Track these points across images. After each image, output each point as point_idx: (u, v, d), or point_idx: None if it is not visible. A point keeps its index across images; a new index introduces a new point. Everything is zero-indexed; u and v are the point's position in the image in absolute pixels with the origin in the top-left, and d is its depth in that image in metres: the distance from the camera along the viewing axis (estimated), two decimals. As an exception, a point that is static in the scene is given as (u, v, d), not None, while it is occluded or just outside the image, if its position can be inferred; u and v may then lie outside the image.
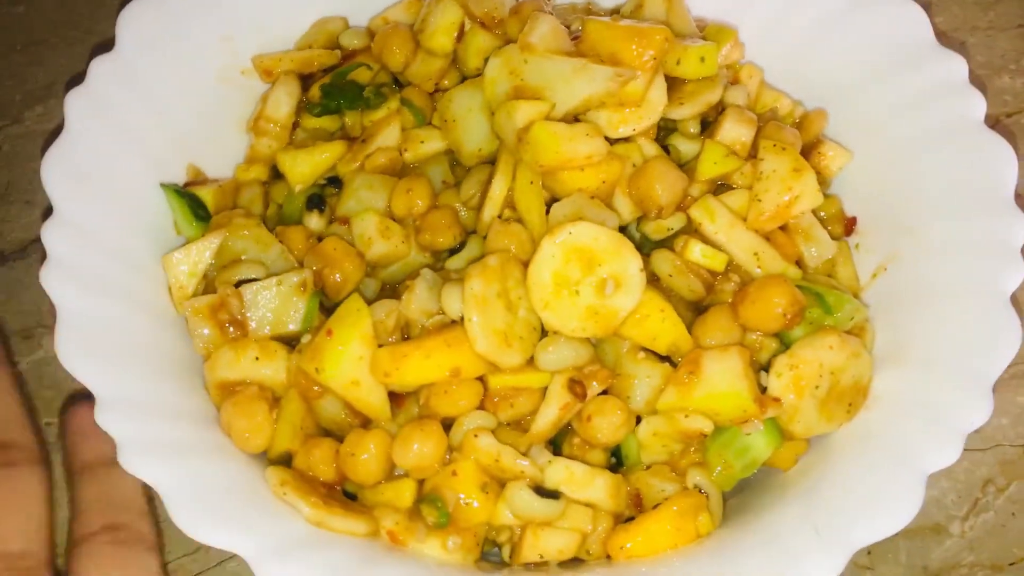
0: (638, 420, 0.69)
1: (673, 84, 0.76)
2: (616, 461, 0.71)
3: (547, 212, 0.71)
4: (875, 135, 0.80)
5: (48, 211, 0.70)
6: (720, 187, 0.76)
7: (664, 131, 0.79)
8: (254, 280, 0.72)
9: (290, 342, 0.72)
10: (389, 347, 0.67)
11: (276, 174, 0.83)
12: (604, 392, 0.69)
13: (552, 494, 0.66)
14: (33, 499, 0.70)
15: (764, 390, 0.68)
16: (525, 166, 0.72)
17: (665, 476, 0.68)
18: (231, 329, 0.70)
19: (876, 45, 0.80)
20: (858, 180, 0.81)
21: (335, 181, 0.81)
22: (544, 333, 0.70)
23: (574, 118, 0.74)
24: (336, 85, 0.82)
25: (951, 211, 0.73)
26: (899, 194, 0.77)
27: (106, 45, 0.77)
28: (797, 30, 0.83)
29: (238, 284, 0.72)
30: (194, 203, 0.77)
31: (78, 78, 0.76)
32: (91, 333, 0.65)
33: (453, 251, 0.77)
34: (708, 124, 0.79)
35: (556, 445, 0.71)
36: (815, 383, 0.67)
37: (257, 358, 0.69)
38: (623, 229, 0.75)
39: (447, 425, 0.68)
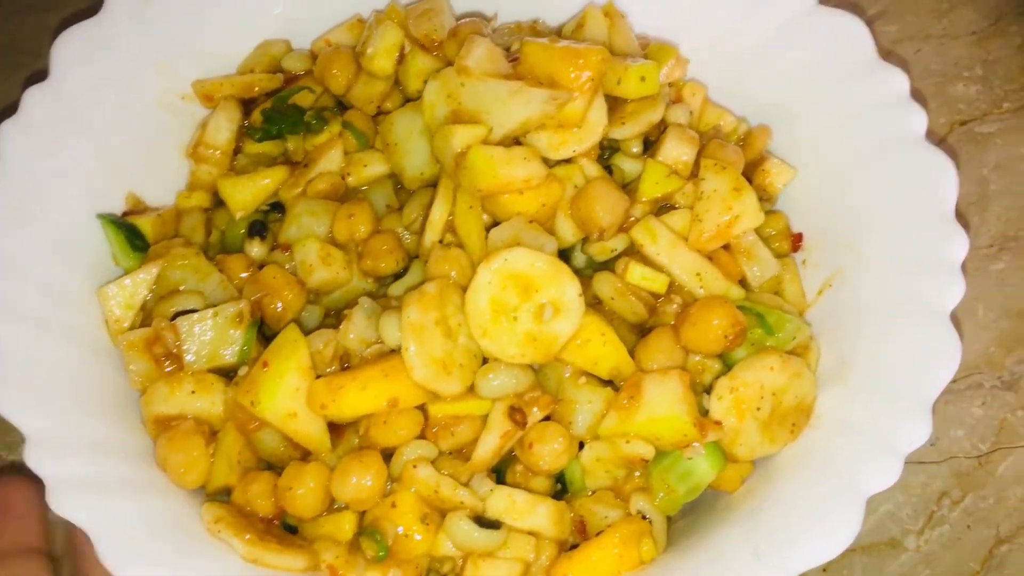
0: (581, 446, 0.69)
1: (614, 104, 0.76)
2: (561, 487, 0.70)
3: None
4: (818, 151, 0.79)
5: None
6: (663, 207, 0.76)
7: (607, 151, 0.78)
8: (192, 311, 0.71)
9: (228, 374, 0.71)
10: (325, 379, 0.66)
11: (219, 200, 0.82)
12: (547, 418, 0.68)
13: (493, 524, 0.65)
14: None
15: (707, 413, 0.67)
16: (464, 190, 0.72)
17: (608, 502, 0.68)
18: (167, 362, 0.69)
19: (819, 61, 0.79)
20: (803, 196, 0.80)
21: (278, 207, 0.80)
22: (485, 360, 0.69)
23: (514, 140, 0.73)
24: (277, 110, 0.81)
25: (892, 227, 0.73)
26: (843, 209, 0.77)
27: (42, 74, 0.76)
28: (741, 47, 0.83)
29: (175, 316, 0.71)
30: (131, 233, 0.76)
31: (12, 108, 0.75)
32: (21, 369, 0.64)
33: (397, 276, 0.76)
34: (651, 143, 0.79)
35: (500, 473, 0.70)
36: (756, 405, 0.67)
37: (193, 391, 0.68)
38: (567, 251, 0.74)
39: (388, 455, 0.67)
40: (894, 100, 0.75)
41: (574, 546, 0.67)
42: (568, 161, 0.74)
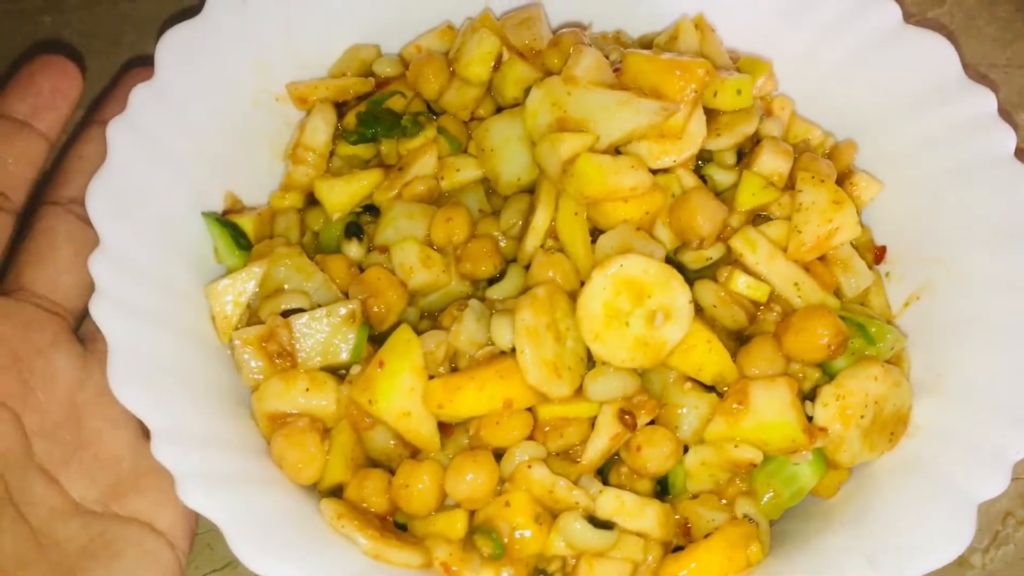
0: (685, 449, 0.70)
1: (709, 115, 0.77)
2: (661, 489, 0.72)
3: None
4: (905, 167, 0.81)
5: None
6: (757, 217, 0.77)
7: (700, 161, 0.80)
8: (299, 310, 0.72)
9: (335, 372, 0.72)
10: (442, 379, 0.67)
11: (310, 201, 0.83)
12: (651, 422, 0.70)
13: (606, 524, 0.66)
14: None
15: (810, 419, 0.69)
16: (568, 197, 0.73)
17: (714, 505, 0.69)
18: (279, 360, 0.70)
19: (905, 79, 0.81)
20: (887, 210, 0.82)
21: (371, 209, 0.81)
22: (591, 363, 0.70)
23: (615, 150, 0.74)
24: (372, 113, 0.82)
25: (983, 244, 0.74)
26: (931, 225, 0.78)
27: (138, 60, 0.77)
28: (827, 63, 0.84)
29: (283, 314, 0.71)
30: (236, 232, 0.77)
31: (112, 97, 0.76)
32: (142, 364, 0.65)
33: (492, 280, 0.77)
34: (742, 154, 0.80)
35: (603, 474, 0.71)
36: (860, 413, 0.68)
37: (307, 389, 0.69)
38: (660, 258, 0.75)
39: (496, 455, 0.69)
40: (982, 119, 0.77)
41: (677, 548, 0.69)
42: (665, 170, 0.76)
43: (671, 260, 0.75)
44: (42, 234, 0.74)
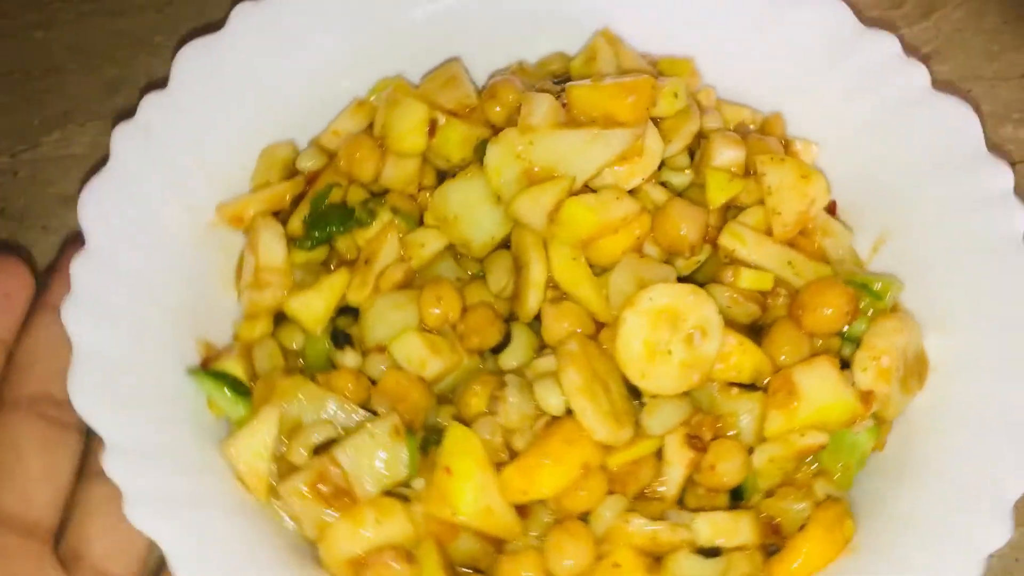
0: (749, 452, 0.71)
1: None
2: (734, 496, 0.72)
3: (589, 282, 0.72)
4: (831, 123, 0.84)
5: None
6: (729, 210, 0.79)
7: (652, 170, 0.80)
8: (332, 441, 0.67)
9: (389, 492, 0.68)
10: (515, 465, 0.65)
11: (276, 321, 0.78)
12: (713, 437, 0.70)
13: (713, 551, 0.66)
14: (67, 470, 0.69)
15: (853, 386, 0.71)
16: (561, 243, 0.72)
17: (796, 497, 0.70)
18: (335, 499, 0.65)
19: (805, 40, 0.84)
20: (826, 166, 0.85)
21: (345, 311, 0.77)
22: (636, 398, 0.70)
23: (585, 186, 0.74)
24: (319, 212, 0.78)
25: (928, 177, 0.78)
26: (873, 170, 0.82)
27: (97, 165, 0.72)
28: (730, 46, 0.87)
29: (317, 451, 0.67)
30: (230, 380, 0.71)
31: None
32: (208, 561, 0.59)
33: (496, 347, 0.75)
34: (691, 152, 0.81)
35: (680, 502, 0.71)
36: (895, 366, 0.71)
37: (377, 521, 0.65)
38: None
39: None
40: (890, 60, 0.81)
41: (772, 547, 0.70)
42: (631, 191, 0.76)
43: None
44: (7, 446, 0.68)
